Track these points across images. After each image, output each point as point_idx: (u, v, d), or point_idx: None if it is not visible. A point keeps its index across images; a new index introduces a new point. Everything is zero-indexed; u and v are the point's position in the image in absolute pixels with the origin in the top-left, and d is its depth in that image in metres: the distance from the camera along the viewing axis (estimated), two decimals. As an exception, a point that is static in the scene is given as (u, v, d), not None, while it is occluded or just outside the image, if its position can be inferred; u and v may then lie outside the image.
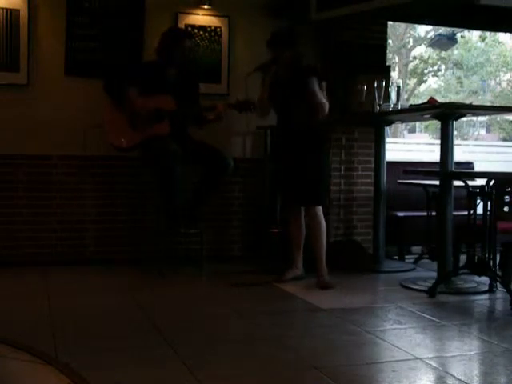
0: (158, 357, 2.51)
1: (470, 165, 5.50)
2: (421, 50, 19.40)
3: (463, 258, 3.87)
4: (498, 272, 3.81)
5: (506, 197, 3.57)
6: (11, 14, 4.30)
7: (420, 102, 9.28)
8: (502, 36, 17.96)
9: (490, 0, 3.94)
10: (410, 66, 19.19)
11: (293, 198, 4.07)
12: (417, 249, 5.14)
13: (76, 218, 4.53)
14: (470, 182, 3.75)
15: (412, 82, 19.60)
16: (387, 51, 5.21)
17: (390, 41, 15.14)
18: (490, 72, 19.74)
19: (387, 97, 4.36)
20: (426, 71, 19.80)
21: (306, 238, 4.11)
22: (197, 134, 4.39)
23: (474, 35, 18.83)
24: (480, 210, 3.68)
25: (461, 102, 10.72)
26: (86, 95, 4.41)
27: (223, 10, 4.78)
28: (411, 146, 6.70)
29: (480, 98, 19.26)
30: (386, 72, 4.84)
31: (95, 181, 4.56)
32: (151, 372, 2.35)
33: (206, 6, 4.71)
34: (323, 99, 3.87)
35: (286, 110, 4.03)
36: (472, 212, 3.69)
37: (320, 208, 4.01)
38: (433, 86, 20.42)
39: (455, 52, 18.77)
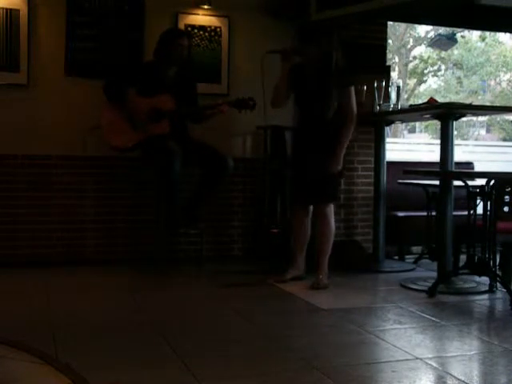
0: (158, 357, 2.51)
1: (470, 165, 5.50)
2: (421, 50, 19.41)
3: (463, 257, 3.87)
4: (498, 272, 3.82)
5: (506, 197, 3.56)
6: (11, 13, 4.31)
7: (420, 102, 9.28)
8: (502, 36, 17.97)
9: (490, 0, 3.94)
10: (410, 65, 19.19)
11: (305, 196, 4.00)
12: (417, 249, 5.14)
13: (76, 218, 4.53)
14: (470, 182, 3.74)
15: (412, 81, 19.60)
16: (387, 51, 5.21)
17: (389, 41, 15.14)
18: (490, 72, 19.72)
19: (387, 97, 4.37)
20: (426, 71, 19.78)
21: (311, 238, 4.09)
22: (197, 133, 4.39)
23: (474, 35, 18.83)
24: (480, 210, 3.68)
25: (461, 102, 10.70)
26: (86, 95, 4.41)
27: (223, 10, 4.78)
28: (411, 146, 6.69)
29: (480, 98, 19.25)
30: (386, 72, 4.85)
31: (95, 181, 4.56)
32: (151, 372, 2.35)
33: (205, 6, 4.71)
34: (355, 108, 3.89)
35: (311, 107, 3.96)
36: (472, 212, 3.69)
37: (331, 209, 3.98)
38: (433, 86, 20.41)
39: (455, 52, 18.76)
